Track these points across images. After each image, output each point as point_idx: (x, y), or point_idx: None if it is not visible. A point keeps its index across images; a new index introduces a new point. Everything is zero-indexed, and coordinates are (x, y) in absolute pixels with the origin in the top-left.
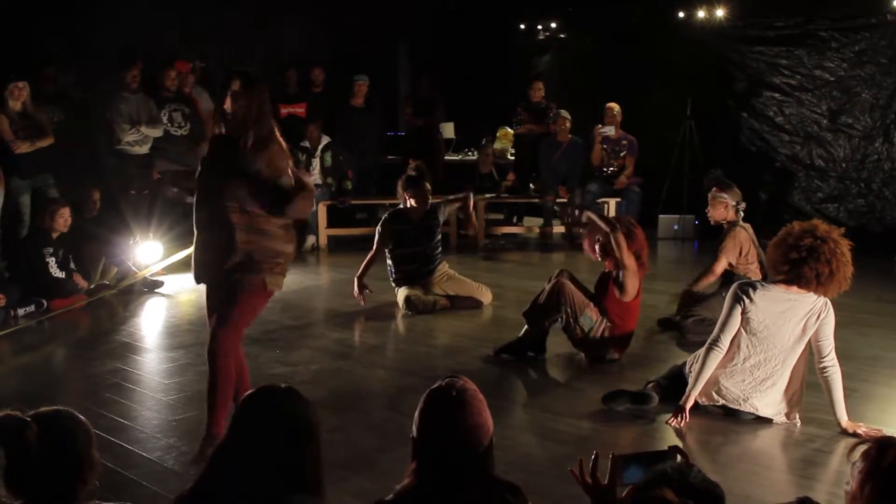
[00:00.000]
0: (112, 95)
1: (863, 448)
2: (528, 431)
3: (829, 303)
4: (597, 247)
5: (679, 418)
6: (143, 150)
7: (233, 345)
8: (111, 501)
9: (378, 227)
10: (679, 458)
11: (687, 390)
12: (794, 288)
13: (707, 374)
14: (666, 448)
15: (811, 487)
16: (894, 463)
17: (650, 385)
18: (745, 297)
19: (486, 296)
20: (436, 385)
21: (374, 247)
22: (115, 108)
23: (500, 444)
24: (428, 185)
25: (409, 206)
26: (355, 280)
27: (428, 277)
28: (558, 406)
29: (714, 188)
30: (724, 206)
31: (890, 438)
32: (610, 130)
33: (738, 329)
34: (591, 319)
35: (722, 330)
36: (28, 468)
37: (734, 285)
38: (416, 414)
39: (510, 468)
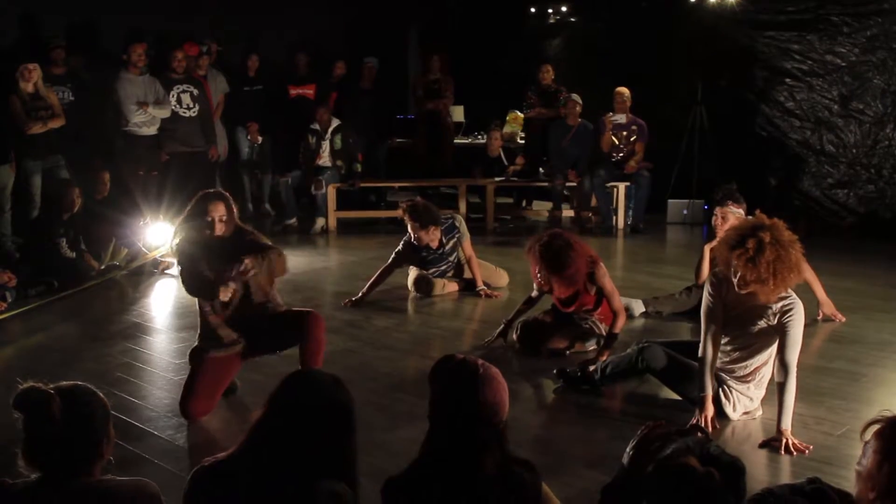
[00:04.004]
0: (118, 76)
1: (875, 428)
2: (538, 412)
3: (795, 305)
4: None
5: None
6: (152, 131)
7: None
8: (124, 477)
9: (399, 249)
10: (700, 435)
11: (701, 394)
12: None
13: (709, 363)
14: (688, 426)
15: (819, 469)
16: None
17: (591, 369)
18: (717, 284)
19: (503, 278)
20: (457, 360)
21: (390, 263)
22: (122, 88)
23: (511, 424)
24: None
25: (423, 242)
26: (360, 296)
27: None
28: (568, 388)
29: (729, 202)
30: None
31: None
32: (620, 118)
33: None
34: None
35: (708, 318)
36: (50, 440)
37: (710, 274)
38: (438, 387)
39: (522, 448)
